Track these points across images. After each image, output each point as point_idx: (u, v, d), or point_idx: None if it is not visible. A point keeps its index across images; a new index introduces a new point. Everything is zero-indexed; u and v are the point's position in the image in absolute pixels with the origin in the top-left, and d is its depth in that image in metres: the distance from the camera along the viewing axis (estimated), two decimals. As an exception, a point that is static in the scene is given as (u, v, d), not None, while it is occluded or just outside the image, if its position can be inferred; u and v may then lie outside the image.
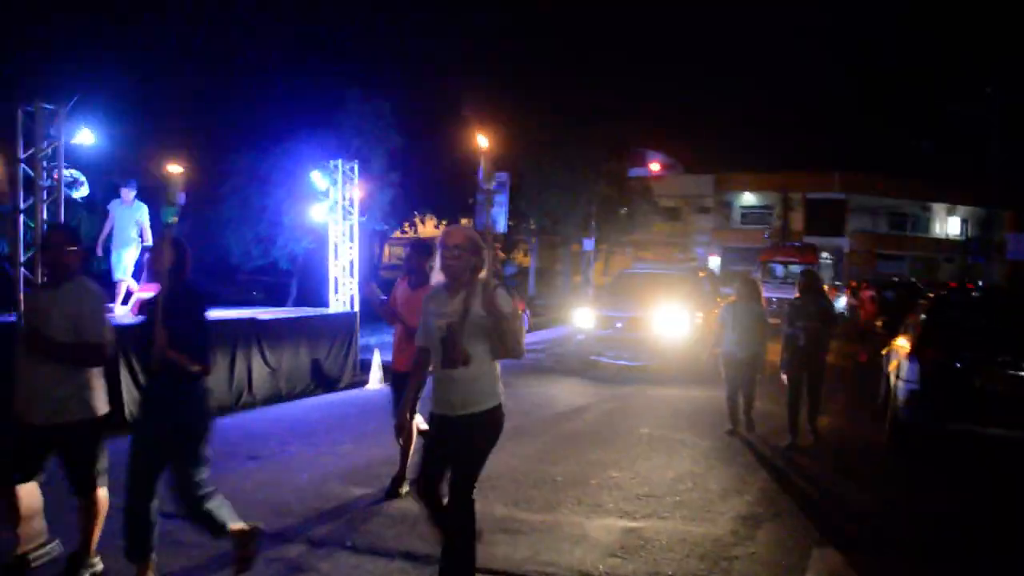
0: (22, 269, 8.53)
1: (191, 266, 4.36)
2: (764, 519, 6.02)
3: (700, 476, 7.21)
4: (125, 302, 10.82)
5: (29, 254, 8.55)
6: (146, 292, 11.31)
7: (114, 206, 10.78)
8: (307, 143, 14.93)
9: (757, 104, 69.91)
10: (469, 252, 4.11)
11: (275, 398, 10.86)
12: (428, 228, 40.98)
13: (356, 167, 13.07)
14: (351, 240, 13.11)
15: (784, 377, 8.65)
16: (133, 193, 10.67)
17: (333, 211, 12.93)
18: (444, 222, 37.62)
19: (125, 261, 10.64)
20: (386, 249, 44.50)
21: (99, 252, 10.82)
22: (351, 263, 13.16)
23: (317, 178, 12.73)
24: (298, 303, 18.20)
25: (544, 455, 7.88)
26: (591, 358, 13.94)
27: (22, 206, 8.54)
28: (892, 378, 8.99)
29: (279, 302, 18.29)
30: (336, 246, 13.08)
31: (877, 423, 9.37)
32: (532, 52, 26.99)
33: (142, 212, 10.76)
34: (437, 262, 4.22)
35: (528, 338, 21.15)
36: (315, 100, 17.20)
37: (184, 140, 12.73)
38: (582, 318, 14.48)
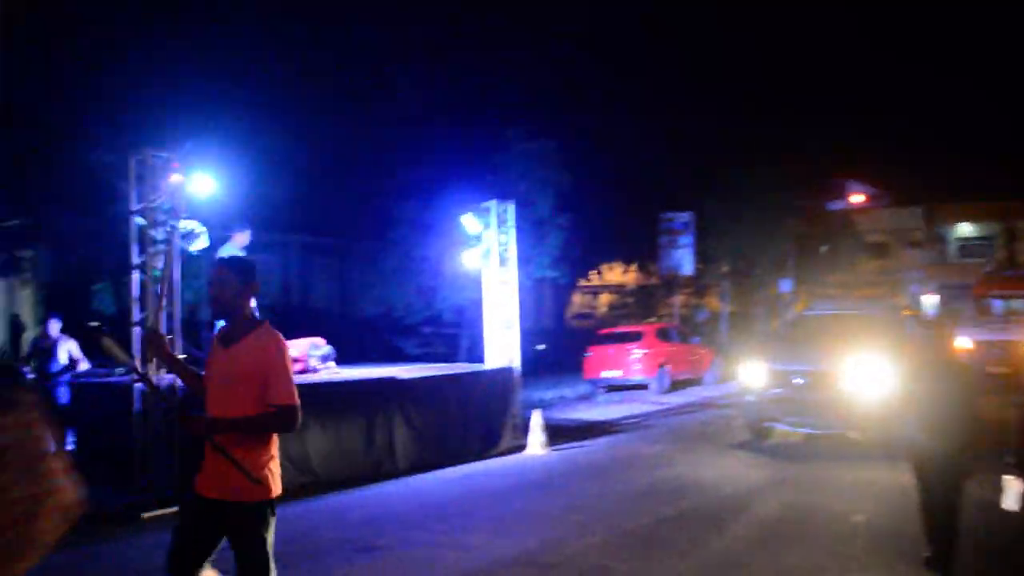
0: (137, 328, 7.86)
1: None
2: None
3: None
4: None
5: (144, 313, 7.88)
6: None
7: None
8: (468, 188, 14.01)
9: (969, 128, 63.36)
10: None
11: (420, 466, 9.73)
12: (615, 274, 39.54)
13: (511, 208, 11.85)
14: (510, 289, 11.89)
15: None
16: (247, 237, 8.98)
17: (487, 258, 11.78)
18: (632, 267, 36.05)
19: None
20: (576, 298, 43.39)
21: None
22: (512, 314, 11.90)
23: (469, 222, 11.66)
24: (472, 359, 17.22)
25: (725, 559, 6.15)
26: (765, 424, 11.30)
27: (136, 261, 7.91)
28: None
29: (449, 358, 17.42)
30: (492, 296, 11.90)
31: None
32: (713, 77, 25.14)
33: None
34: None
35: (717, 390, 19.08)
36: (477, 140, 16.34)
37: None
38: (750, 374, 11.41)
